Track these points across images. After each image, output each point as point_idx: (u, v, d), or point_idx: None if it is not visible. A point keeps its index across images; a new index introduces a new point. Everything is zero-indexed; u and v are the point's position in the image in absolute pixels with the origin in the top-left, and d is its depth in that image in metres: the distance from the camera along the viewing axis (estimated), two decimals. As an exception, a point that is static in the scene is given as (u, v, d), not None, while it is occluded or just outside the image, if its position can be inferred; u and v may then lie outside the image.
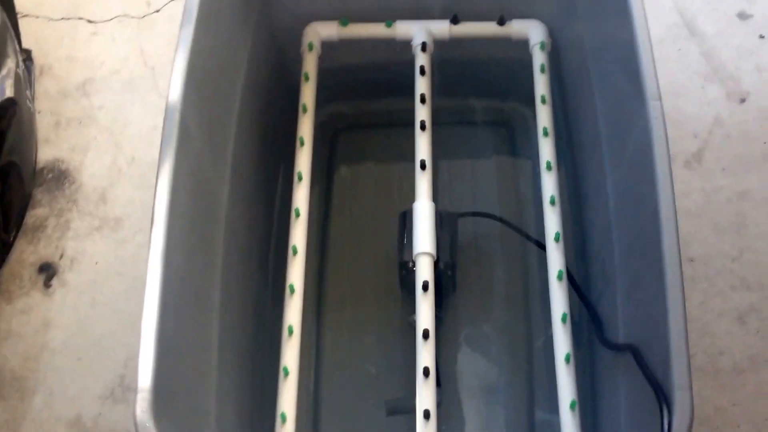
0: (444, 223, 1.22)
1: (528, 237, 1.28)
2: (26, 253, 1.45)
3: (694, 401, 0.82)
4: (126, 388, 1.33)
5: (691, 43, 1.62)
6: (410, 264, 1.18)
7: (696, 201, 1.45)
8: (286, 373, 1.06)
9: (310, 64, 1.30)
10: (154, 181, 1.47)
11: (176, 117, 0.97)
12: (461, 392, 1.22)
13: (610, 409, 1.05)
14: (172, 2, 1.73)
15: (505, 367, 1.24)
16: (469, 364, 1.25)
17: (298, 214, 1.18)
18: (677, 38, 1.63)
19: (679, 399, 0.82)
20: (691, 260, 1.38)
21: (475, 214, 1.30)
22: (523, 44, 1.30)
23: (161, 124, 1.54)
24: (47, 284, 1.42)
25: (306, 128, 1.25)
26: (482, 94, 1.45)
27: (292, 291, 1.13)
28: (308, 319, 1.20)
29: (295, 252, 1.15)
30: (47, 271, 1.43)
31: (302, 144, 1.23)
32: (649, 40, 1.01)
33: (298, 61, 1.31)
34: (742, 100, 1.55)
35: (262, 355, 1.17)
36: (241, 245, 1.15)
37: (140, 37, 1.69)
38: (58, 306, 1.41)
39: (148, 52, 1.67)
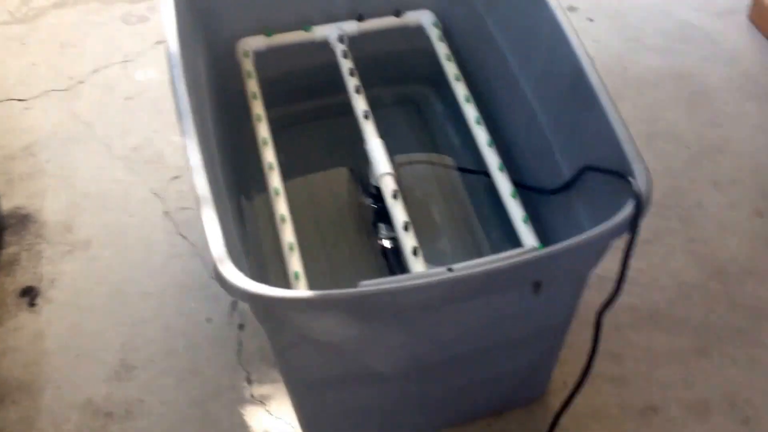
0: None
1: (469, 171, 1.55)
2: (5, 284, 1.55)
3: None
4: (129, 367, 1.43)
5: None
6: (372, 189, 1.39)
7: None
8: (291, 249, 1.25)
9: (252, 83, 1.49)
10: (111, 208, 1.61)
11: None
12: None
13: (567, 226, 1.24)
14: (95, 74, 1.94)
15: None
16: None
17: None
18: None
19: (638, 170, 1.03)
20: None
21: (411, 162, 1.55)
22: (419, 31, 1.58)
23: (106, 164, 1.72)
24: (32, 303, 1.52)
25: (263, 130, 1.42)
26: (390, 83, 1.70)
27: (276, 193, 1.32)
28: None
29: (276, 193, 1.34)
30: (30, 294, 1.53)
31: (265, 144, 1.40)
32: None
33: (233, 76, 1.51)
34: None
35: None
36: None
37: (70, 104, 1.87)
38: (47, 318, 1.50)
39: (81, 113, 1.85)
